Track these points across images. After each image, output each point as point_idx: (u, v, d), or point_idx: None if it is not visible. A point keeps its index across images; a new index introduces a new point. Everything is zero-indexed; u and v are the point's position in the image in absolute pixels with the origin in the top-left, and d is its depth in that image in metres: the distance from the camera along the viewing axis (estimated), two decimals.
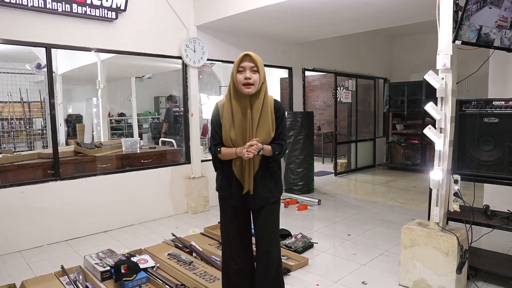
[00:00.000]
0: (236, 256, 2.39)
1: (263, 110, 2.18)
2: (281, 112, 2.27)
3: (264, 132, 2.19)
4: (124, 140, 5.28)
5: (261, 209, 2.30)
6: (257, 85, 2.15)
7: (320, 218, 4.93)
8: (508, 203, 3.22)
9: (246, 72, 2.11)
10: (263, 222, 2.31)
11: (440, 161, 2.76)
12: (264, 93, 2.19)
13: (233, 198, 2.28)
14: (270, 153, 2.22)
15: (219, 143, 2.26)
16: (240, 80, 2.12)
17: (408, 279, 2.93)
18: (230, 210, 2.35)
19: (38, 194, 4.01)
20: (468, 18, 2.58)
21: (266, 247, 2.32)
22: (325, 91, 10.42)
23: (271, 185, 2.30)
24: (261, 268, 2.34)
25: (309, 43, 6.78)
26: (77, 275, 3.11)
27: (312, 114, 6.63)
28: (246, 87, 2.12)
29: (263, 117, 2.18)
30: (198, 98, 5.63)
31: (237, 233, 2.37)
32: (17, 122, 7.03)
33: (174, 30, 5.03)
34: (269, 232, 2.33)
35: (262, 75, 2.16)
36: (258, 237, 2.35)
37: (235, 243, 2.38)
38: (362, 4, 4.34)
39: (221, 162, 2.30)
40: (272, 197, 2.31)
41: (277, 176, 2.35)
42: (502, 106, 2.78)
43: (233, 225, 2.36)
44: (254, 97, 2.17)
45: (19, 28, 3.83)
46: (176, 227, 4.56)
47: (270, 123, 2.19)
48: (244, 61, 2.13)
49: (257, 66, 2.13)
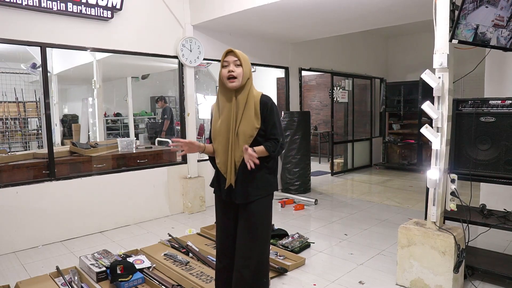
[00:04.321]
0: (221, 253, 2.39)
1: (247, 104, 2.21)
2: (268, 106, 2.23)
3: (247, 124, 2.19)
4: (120, 140, 5.25)
5: (245, 206, 2.25)
6: (241, 79, 2.19)
7: (316, 218, 4.92)
8: (504, 202, 3.22)
9: (230, 66, 2.18)
10: (242, 219, 2.27)
11: (437, 160, 2.76)
12: (249, 88, 2.23)
13: (221, 191, 2.32)
14: (263, 153, 2.18)
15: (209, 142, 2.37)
16: (224, 74, 2.20)
17: (405, 279, 2.93)
18: (219, 205, 2.39)
19: (33, 195, 3.98)
20: (464, 17, 2.58)
21: (243, 247, 2.26)
22: (322, 91, 10.43)
23: (255, 181, 2.24)
24: (236, 269, 2.28)
25: (305, 42, 6.79)
26: (72, 276, 3.08)
27: (309, 114, 6.63)
28: (230, 81, 2.18)
29: (246, 109, 2.20)
30: (195, 98, 5.62)
31: (222, 229, 2.38)
32: (12, 122, 6.98)
33: (170, 30, 5.01)
34: (247, 231, 2.25)
35: (247, 70, 2.21)
36: (238, 235, 2.29)
37: (220, 239, 2.39)
38: (358, 3, 4.34)
39: (212, 159, 2.37)
40: (254, 194, 2.24)
41: (263, 173, 2.26)
42: (499, 105, 2.78)
43: (220, 221, 2.39)
44: (239, 91, 2.21)
45: (13, 27, 3.79)
46: (172, 227, 4.54)
47: (253, 116, 2.20)
48: (228, 56, 2.20)
49: (239, 60, 2.19)
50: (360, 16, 4.95)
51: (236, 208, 2.31)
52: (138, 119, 10.63)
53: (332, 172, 7.92)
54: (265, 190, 2.29)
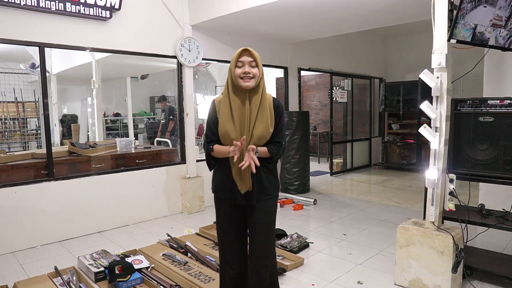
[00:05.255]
0: (232, 259, 2.31)
1: (262, 105, 2.13)
2: (280, 110, 2.22)
3: (263, 126, 2.12)
4: (119, 140, 5.25)
5: (256, 206, 2.21)
6: (256, 79, 2.11)
7: (315, 218, 4.92)
8: (502, 202, 3.22)
9: (245, 67, 2.08)
10: (258, 219, 2.22)
11: (436, 160, 2.76)
12: (262, 88, 2.16)
13: (232, 196, 2.21)
14: (265, 154, 2.15)
15: (212, 141, 2.21)
16: (238, 74, 2.09)
17: (404, 279, 2.93)
18: (226, 211, 2.28)
19: (32, 195, 3.97)
20: (463, 16, 2.58)
21: (260, 247, 2.24)
22: (321, 90, 10.43)
23: (268, 181, 2.23)
24: (254, 271, 2.25)
25: (304, 42, 6.78)
26: (71, 276, 3.07)
27: (308, 113, 6.63)
28: (245, 81, 2.08)
29: (261, 111, 2.13)
30: (193, 98, 5.62)
31: (234, 235, 2.29)
32: (11, 122, 6.98)
33: (169, 29, 5.01)
34: (263, 231, 2.24)
35: (261, 70, 2.13)
36: (252, 237, 2.27)
37: (232, 246, 2.30)
38: (357, 3, 4.34)
39: (214, 160, 2.25)
40: (267, 194, 2.23)
41: (273, 173, 2.29)
42: (497, 105, 2.78)
43: (230, 227, 2.29)
44: (253, 92, 2.13)
45: (12, 27, 3.79)
46: (171, 227, 4.54)
47: (268, 118, 2.14)
48: (243, 55, 2.10)
49: (256, 60, 2.10)
50: (359, 16, 4.95)
51: (243, 211, 2.26)
52: (137, 119, 10.63)
53: (331, 172, 7.92)
54: (275, 190, 2.30)
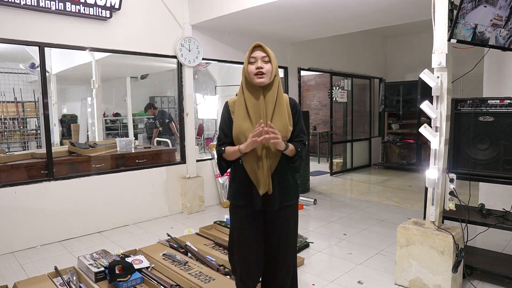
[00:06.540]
0: (248, 275, 2.16)
1: (277, 102, 2.05)
2: (297, 108, 2.15)
3: (281, 123, 2.03)
4: (119, 140, 5.24)
5: (281, 212, 2.10)
6: (270, 75, 2.04)
7: (315, 218, 4.92)
8: (503, 202, 3.22)
9: (258, 62, 2.02)
10: (279, 226, 2.12)
11: (436, 160, 2.76)
12: (278, 85, 2.08)
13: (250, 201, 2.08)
14: (292, 152, 2.05)
15: (224, 143, 2.12)
16: (251, 70, 2.02)
17: (404, 278, 2.93)
18: (247, 218, 2.13)
19: (32, 195, 3.97)
20: (463, 16, 2.58)
21: (284, 255, 2.13)
22: (321, 90, 10.44)
23: (290, 184, 2.13)
24: (278, 279, 2.15)
25: (304, 42, 6.78)
26: (71, 276, 3.07)
27: (308, 113, 6.63)
28: (258, 77, 2.01)
29: (278, 109, 2.05)
30: (193, 98, 5.61)
31: (252, 249, 2.13)
32: (10, 122, 6.98)
33: (169, 29, 5.01)
34: (285, 238, 2.14)
35: (274, 66, 2.06)
36: (273, 245, 2.14)
37: (249, 264, 2.15)
38: (357, 3, 4.34)
39: (226, 162, 2.14)
40: (290, 199, 2.13)
41: (294, 177, 2.18)
42: (497, 105, 2.78)
43: (248, 240, 2.13)
44: (267, 89, 2.05)
45: (11, 27, 3.78)
46: (171, 227, 4.54)
47: (286, 116, 2.05)
48: (255, 51, 2.05)
49: (268, 56, 2.05)
50: (359, 16, 4.95)
51: (263, 218, 2.15)
52: (137, 119, 10.60)
53: (331, 172, 7.92)
54: (297, 195, 2.23)
